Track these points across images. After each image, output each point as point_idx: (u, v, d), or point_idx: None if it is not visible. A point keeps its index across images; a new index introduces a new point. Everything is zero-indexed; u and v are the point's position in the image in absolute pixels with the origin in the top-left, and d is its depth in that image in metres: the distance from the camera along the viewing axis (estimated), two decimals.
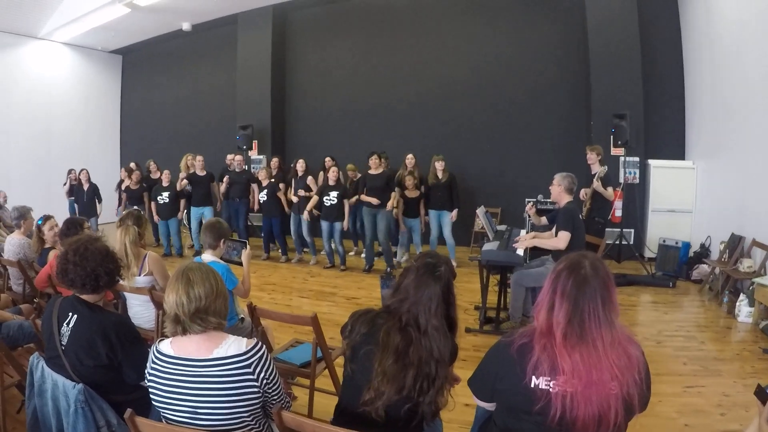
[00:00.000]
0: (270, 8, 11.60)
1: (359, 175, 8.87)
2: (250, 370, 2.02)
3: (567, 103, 9.74)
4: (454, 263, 7.97)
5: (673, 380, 4.28)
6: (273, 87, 11.82)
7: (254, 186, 9.53)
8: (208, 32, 12.90)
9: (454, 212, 8.22)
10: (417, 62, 10.83)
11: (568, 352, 1.76)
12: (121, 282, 3.84)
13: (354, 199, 8.39)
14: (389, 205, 8.01)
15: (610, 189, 6.90)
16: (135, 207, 9.65)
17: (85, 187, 10.54)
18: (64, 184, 11.31)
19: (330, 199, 8.26)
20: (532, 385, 1.80)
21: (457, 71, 10.50)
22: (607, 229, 7.43)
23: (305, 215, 8.47)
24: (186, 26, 12.26)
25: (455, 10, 10.48)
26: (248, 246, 4.13)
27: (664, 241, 8.17)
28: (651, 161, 8.85)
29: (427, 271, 2.19)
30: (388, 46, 11.12)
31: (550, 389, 1.77)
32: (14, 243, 5.32)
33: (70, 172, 11.23)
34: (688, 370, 4.56)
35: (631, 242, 8.58)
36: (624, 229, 8.37)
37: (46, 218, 5.03)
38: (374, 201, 8.02)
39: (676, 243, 7.99)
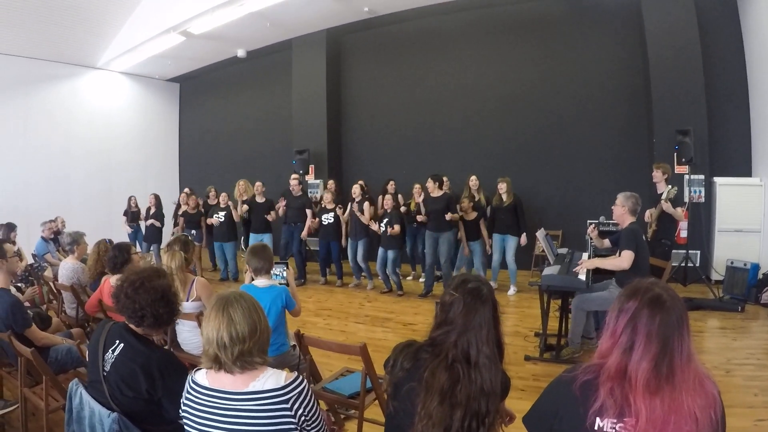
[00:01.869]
0: (324, 32, 11.75)
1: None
2: (288, 405, 1.94)
3: (627, 120, 9.47)
4: (513, 288, 8.00)
5: (743, 413, 4.01)
6: (329, 110, 11.92)
7: (308, 212, 9.28)
8: (263, 58, 13.17)
9: (523, 236, 8.06)
10: (473, 82, 10.76)
11: (647, 398, 1.59)
12: None
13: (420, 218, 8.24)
14: (448, 216, 7.81)
15: (679, 209, 6.66)
16: (193, 231, 9.84)
17: (152, 211, 10.58)
18: (126, 212, 11.22)
19: (382, 225, 8.27)
20: (596, 427, 1.64)
21: (514, 90, 10.36)
22: (672, 251, 7.15)
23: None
24: (241, 53, 12.51)
25: (510, 27, 10.40)
26: (289, 266, 4.42)
27: (731, 262, 7.76)
28: (717, 179, 8.49)
29: (473, 297, 2.04)
30: (444, 66, 11.09)
31: None
32: (68, 267, 5.48)
33: (130, 198, 11.21)
34: (760, 401, 4.27)
35: (697, 264, 8.23)
36: (690, 251, 8.06)
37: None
38: (420, 218, 8.11)
39: (745, 264, 7.57)
